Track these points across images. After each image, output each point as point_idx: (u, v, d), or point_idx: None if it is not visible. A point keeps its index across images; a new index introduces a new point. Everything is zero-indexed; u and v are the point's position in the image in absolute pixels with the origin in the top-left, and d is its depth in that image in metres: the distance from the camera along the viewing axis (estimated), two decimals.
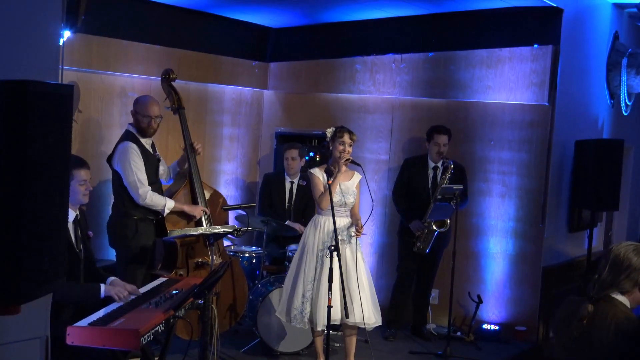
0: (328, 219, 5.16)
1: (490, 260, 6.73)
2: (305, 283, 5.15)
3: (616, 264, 3.04)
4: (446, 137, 6.33)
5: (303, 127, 7.55)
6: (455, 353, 6.03)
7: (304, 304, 5.13)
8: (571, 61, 6.60)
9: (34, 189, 2.40)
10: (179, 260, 5.33)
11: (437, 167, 6.38)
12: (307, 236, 5.29)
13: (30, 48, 2.92)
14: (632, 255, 3.02)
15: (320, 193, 5.21)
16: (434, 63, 6.94)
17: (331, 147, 5.26)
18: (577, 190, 6.91)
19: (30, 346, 3.07)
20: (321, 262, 5.14)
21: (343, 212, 5.27)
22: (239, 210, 6.40)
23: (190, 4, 6.51)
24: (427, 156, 6.42)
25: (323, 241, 5.18)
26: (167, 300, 4.00)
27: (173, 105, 5.59)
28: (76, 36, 5.22)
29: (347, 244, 5.19)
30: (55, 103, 2.50)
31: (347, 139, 5.20)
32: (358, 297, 5.08)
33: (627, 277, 3.02)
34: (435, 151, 6.32)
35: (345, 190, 5.24)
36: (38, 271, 2.45)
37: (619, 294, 3.04)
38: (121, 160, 5.20)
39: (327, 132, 5.28)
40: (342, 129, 5.25)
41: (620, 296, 3.04)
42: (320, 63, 7.50)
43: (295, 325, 5.21)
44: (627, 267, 3.01)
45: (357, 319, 5.08)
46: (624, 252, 3.04)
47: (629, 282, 3.02)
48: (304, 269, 5.19)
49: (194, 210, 5.41)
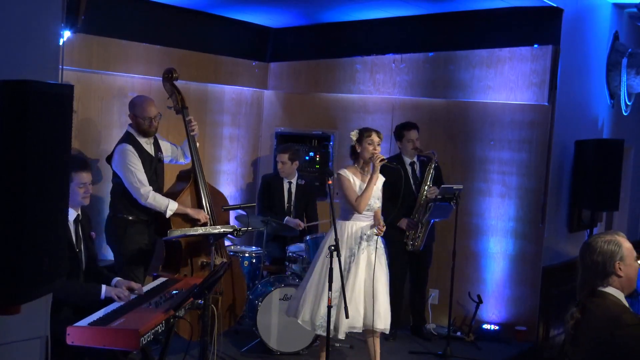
0: (355, 224, 5.10)
1: (490, 260, 6.73)
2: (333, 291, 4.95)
3: (585, 262, 3.08)
4: (416, 131, 6.35)
5: (303, 127, 7.55)
6: (455, 353, 6.03)
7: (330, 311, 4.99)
8: (571, 61, 6.60)
9: (34, 188, 2.40)
10: (183, 261, 5.32)
11: (414, 163, 6.38)
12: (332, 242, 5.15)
13: (30, 48, 2.92)
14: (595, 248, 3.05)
15: (357, 196, 5.05)
16: (434, 63, 6.94)
17: (359, 149, 5.13)
18: (577, 190, 6.91)
19: (30, 346, 3.07)
20: (348, 269, 5.05)
21: (369, 217, 5.17)
22: (239, 210, 6.40)
23: (190, 4, 6.50)
24: (401, 154, 6.42)
25: (350, 247, 5.08)
26: (167, 300, 4.01)
27: (176, 105, 5.53)
28: (76, 36, 5.22)
29: (373, 250, 5.10)
30: (55, 103, 2.50)
31: (375, 138, 5.11)
32: (384, 303, 5.05)
33: (594, 273, 3.05)
34: (410, 147, 6.32)
35: (373, 194, 5.12)
36: (38, 271, 2.45)
37: (605, 286, 3.06)
38: (119, 162, 5.20)
39: (352, 134, 5.15)
40: (368, 129, 5.16)
41: (607, 288, 3.06)
42: (320, 63, 7.50)
43: (321, 333, 5.07)
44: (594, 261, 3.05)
45: (385, 324, 5.06)
46: (588, 248, 3.08)
47: (602, 273, 3.05)
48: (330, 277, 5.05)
49: (198, 214, 5.36)
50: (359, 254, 5.07)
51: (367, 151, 5.10)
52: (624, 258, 3.04)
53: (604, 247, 3.04)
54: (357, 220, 5.11)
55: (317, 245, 5.94)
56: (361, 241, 5.09)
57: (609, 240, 3.06)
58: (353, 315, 4.90)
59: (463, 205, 6.44)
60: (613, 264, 3.03)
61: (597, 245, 3.05)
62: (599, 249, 3.04)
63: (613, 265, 3.03)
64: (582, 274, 3.10)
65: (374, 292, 5.03)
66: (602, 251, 3.04)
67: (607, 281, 3.05)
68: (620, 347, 2.92)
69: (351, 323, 4.96)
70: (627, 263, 3.05)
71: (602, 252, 3.04)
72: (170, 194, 5.41)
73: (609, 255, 3.03)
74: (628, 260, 3.05)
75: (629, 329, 2.91)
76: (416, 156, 6.37)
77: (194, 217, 5.34)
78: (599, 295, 3.05)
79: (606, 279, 3.04)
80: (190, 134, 5.51)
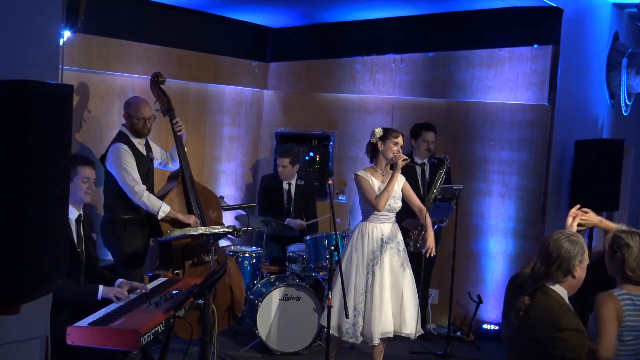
0: (376, 227, 5.06)
1: (490, 260, 6.73)
2: (357, 295, 4.99)
3: (547, 255, 3.11)
4: (433, 133, 6.36)
5: (303, 127, 7.55)
6: (455, 353, 6.04)
7: (356, 317, 4.98)
8: (571, 61, 6.60)
9: (34, 189, 2.40)
10: (176, 260, 5.33)
11: (424, 164, 6.38)
12: (355, 245, 5.09)
13: (30, 48, 2.92)
14: (561, 245, 3.08)
15: (375, 195, 5.02)
16: (434, 63, 6.94)
17: (381, 148, 5.10)
18: (577, 190, 6.90)
19: (30, 346, 3.07)
20: (372, 272, 5.02)
21: (390, 218, 5.14)
22: (239, 210, 6.40)
23: (190, 4, 6.50)
24: (412, 154, 6.42)
25: (373, 250, 5.04)
26: (167, 300, 4.01)
27: (163, 107, 5.63)
28: (76, 36, 5.22)
29: (395, 253, 5.07)
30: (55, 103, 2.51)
31: (400, 140, 5.10)
32: (411, 308, 5.02)
33: (558, 268, 3.09)
34: (424, 148, 6.34)
35: (393, 194, 5.08)
36: (38, 271, 2.45)
37: (554, 284, 3.10)
38: (114, 161, 5.22)
39: (376, 131, 5.11)
40: (395, 131, 5.14)
41: (556, 286, 3.10)
42: (320, 63, 7.50)
43: (347, 339, 5.06)
44: (556, 257, 3.08)
45: (411, 329, 5.02)
46: (554, 243, 3.11)
47: (560, 272, 3.09)
48: (355, 281, 5.02)
49: (189, 219, 5.37)
50: (382, 257, 5.02)
51: (391, 150, 5.07)
52: (582, 261, 3.11)
53: (570, 246, 3.09)
54: (378, 222, 5.07)
55: (317, 245, 5.96)
56: (383, 243, 5.05)
57: (576, 241, 3.11)
58: (385, 320, 4.90)
59: (463, 205, 6.44)
60: (574, 264, 3.09)
61: (564, 242, 3.10)
62: (565, 247, 3.09)
63: (573, 265, 3.09)
64: (540, 265, 3.13)
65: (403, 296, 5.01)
66: (568, 250, 3.09)
67: (560, 279, 3.10)
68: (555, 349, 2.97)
69: (384, 328, 4.94)
70: (582, 266, 3.12)
71: (567, 251, 3.09)
72: (160, 196, 5.43)
73: (573, 256, 3.09)
74: (584, 264, 3.13)
75: (566, 334, 2.96)
76: (427, 158, 6.36)
77: (184, 222, 5.35)
78: (546, 292, 3.10)
79: (561, 277, 3.10)
80: (177, 134, 5.57)
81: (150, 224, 5.37)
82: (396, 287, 5.04)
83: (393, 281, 5.02)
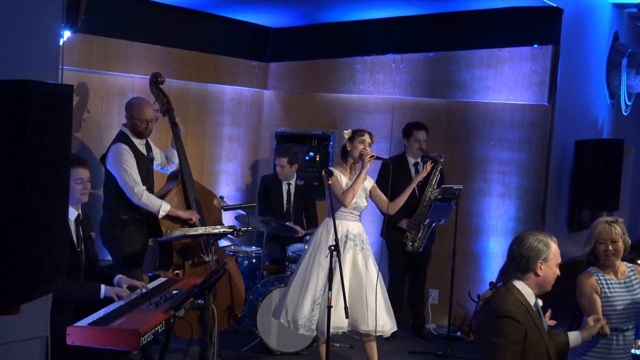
0: (342, 223, 5.09)
1: (490, 260, 6.73)
2: (317, 289, 5.01)
3: (511, 252, 3.26)
4: (425, 132, 6.37)
5: (303, 127, 7.55)
6: (455, 353, 6.04)
7: (314, 310, 5.00)
8: (571, 61, 6.60)
9: (34, 188, 2.40)
10: (175, 260, 5.33)
11: (417, 163, 6.39)
12: (319, 240, 5.13)
13: (30, 48, 2.92)
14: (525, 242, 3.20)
15: (342, 190, 5.07)
16: (434, 63, 6.95)
17: (349, 147, 5.18)
18: (577, 190, 6.90)
19: (30, 346, 3.07)
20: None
21: (356, 216, 5.19)
22: (239, 210, 6.40)
23: (190, 4, 6.51)
24: (405, 154, 6.42)
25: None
26: (167, 300, 4.00)
27: (162, 107, 5.64)
28: (76, 36, 5.22)
29: (359, 250, 5.11)
30: (55, 103, 2.51)
31: (367, 138, 5.16)
32: (373, 305, 4.97)
33: (518, 264, 3.20)
34: (416, 147, 6.34)
35: (359, 193, 5.14)
36: (38, 271, 2.45)
37: (517, 280, 3.22)
38: (114, 161, 5.22)
39: (345, 133, 5.21)
40: (362, 130, 5.22)
41: (518, 282, 3.22)
42: (320, 63, 7.50)
43: (303, 332, 5.06)
44: (518, 254, 3.21)
45: (371, 326, 4.96)
46: (519, 240, 3.25)
47: (521, 268, 3.20)
48: (316, 275, 5.04)
49: (191, 215, 5.40)
50: (344, 254, 5.02)
51: (357, 149, 5.14)
52: (548, 260, 3.20)
53: (533, 244, 3.20)
54: (343, 220, 5.11)
55: None
56: (347, 240, 5.08)
57: (540, 240, 3.21)
58: (339, 315, 4.81)
59: (463, 205, 6.44)
60: (536, 262, 3.18)
61: (527, 240, 3.21)
62: (529, 245, 3.20)
63: (535, 263, 3.18)
64: (506, 262, 3.28)
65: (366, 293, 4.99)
66: (531, 247, 3.19)
67: (523, 276, 3.21)
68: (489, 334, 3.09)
69: (336, 323, 4.87)
70: (549, 265, 3.21)
71: (530, 248, 3.19)
72: (160, 196, 5.44)
73: (535, 253, 3.19)
74: (551, 263, 3.21)
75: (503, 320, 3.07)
76: (420, 157, 6.37)
77: (186, 218, 5.36)
78: (507, 287, 3.21)
79: (524, 274, 3.20)
80: (177, 134, 5.59)
81: (150, 224, 5.38)
82: (357, 284, 5.03)
83: (353, 278, 5.00)
